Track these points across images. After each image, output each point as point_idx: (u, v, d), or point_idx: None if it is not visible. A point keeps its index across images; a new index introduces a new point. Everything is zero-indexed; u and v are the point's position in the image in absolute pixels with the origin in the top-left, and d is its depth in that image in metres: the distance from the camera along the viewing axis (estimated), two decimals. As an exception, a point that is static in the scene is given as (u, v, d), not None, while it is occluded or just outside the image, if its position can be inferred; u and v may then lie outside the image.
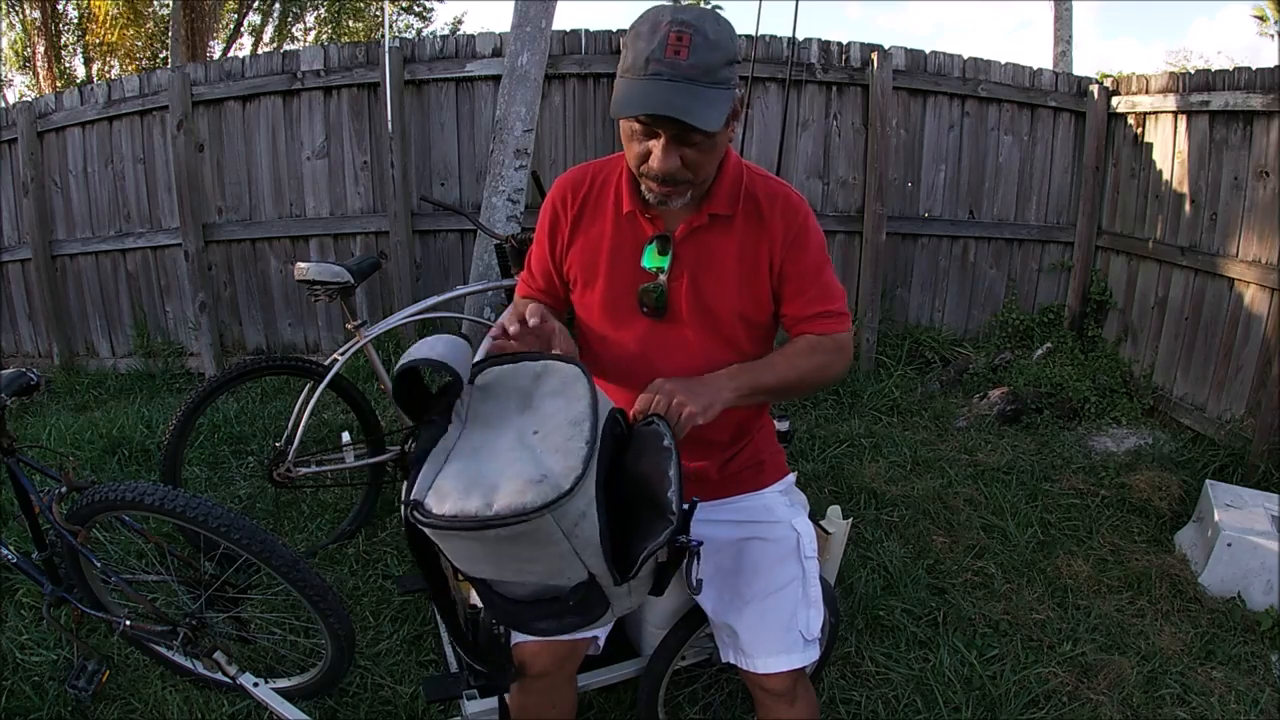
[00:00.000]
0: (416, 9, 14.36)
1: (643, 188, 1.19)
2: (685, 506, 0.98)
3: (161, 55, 11.70)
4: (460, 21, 16.43)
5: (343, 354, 2.40)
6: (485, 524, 0.86)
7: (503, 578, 0.97)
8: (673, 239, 1.23)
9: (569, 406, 0.99)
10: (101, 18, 11.02)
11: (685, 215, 1.23)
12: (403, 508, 0.95)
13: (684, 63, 1.04)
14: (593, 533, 0.91)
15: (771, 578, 1.31)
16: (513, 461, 0.92)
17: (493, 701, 1.49)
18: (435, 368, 0.97)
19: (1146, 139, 3.78)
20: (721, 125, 1.08)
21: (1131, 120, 3.88)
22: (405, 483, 1.00)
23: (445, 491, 0.89)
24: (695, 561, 1.01)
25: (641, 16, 1.10)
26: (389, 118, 3.73)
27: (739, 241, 1.24)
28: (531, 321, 1.11)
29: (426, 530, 0.91)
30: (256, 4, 12.70)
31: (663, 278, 1.24)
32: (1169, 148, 3.63)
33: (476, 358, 1.10)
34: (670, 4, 1.16)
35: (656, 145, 1.10)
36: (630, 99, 1.06)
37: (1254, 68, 3.18)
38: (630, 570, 0.96)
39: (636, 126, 1.11)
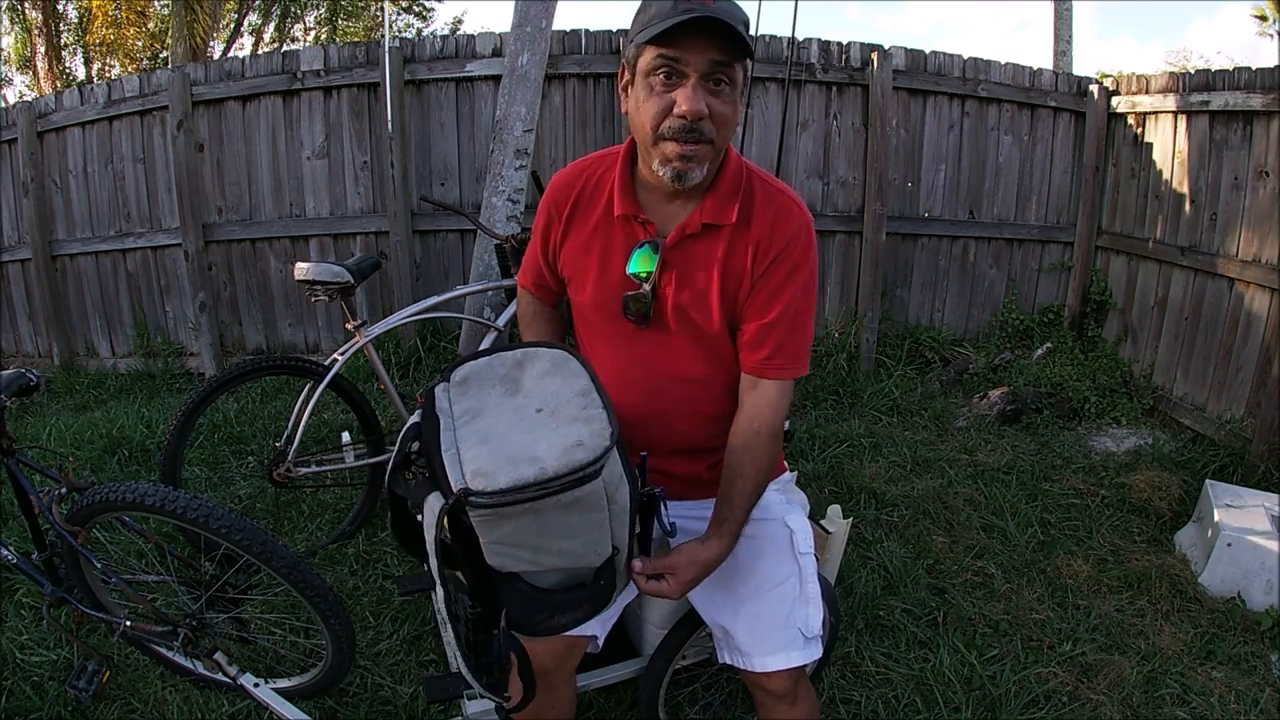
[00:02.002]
0: (416, 9, 14.38)
1: (657, 162, 1.12)
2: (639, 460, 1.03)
3: (162, 55, 11.71)
4: (460, 21, 16.48)
5: (343, 354, 2.40)
6: (546, 485, 0.87)
7: (539, 564, 0.96)
8: (663, 245, 1.20)
9: (569, 382, 1.01)
10: (102, 19, 11.02)
11: (680, 218, 1.20)
12: (433, 517, 0.93)
13: (713, 5, 1.03)
14: (625, 497, 0.95)
15: (766, 575, 1.31)
16: (536, 439, 0.93)
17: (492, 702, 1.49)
18: None
19: (1146, 139, 3.78)
20: (752, 59, 1.09)
21: (1131, 120, 3.88)
22: (417, 491, 0.99)
23: (488, 471, 0.89)
24: (663, 507, 1.06)
25: None
26: (389, 118, 3.73)
27: (727, 248, 1.20)
28: None
29: (484, 515, 0.90)
30: (257, 4, 12.70)
31: (647, 286, 1.21)
32: (1169, 148, 3.63)
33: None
34: None
35: (682, 90, 1.07)
36: (670, 16, 1.03)
37: (1254, 68, 3.18)
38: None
39: (658, 79, 1.07)
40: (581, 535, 0.94)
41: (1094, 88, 4.02)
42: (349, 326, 2.42)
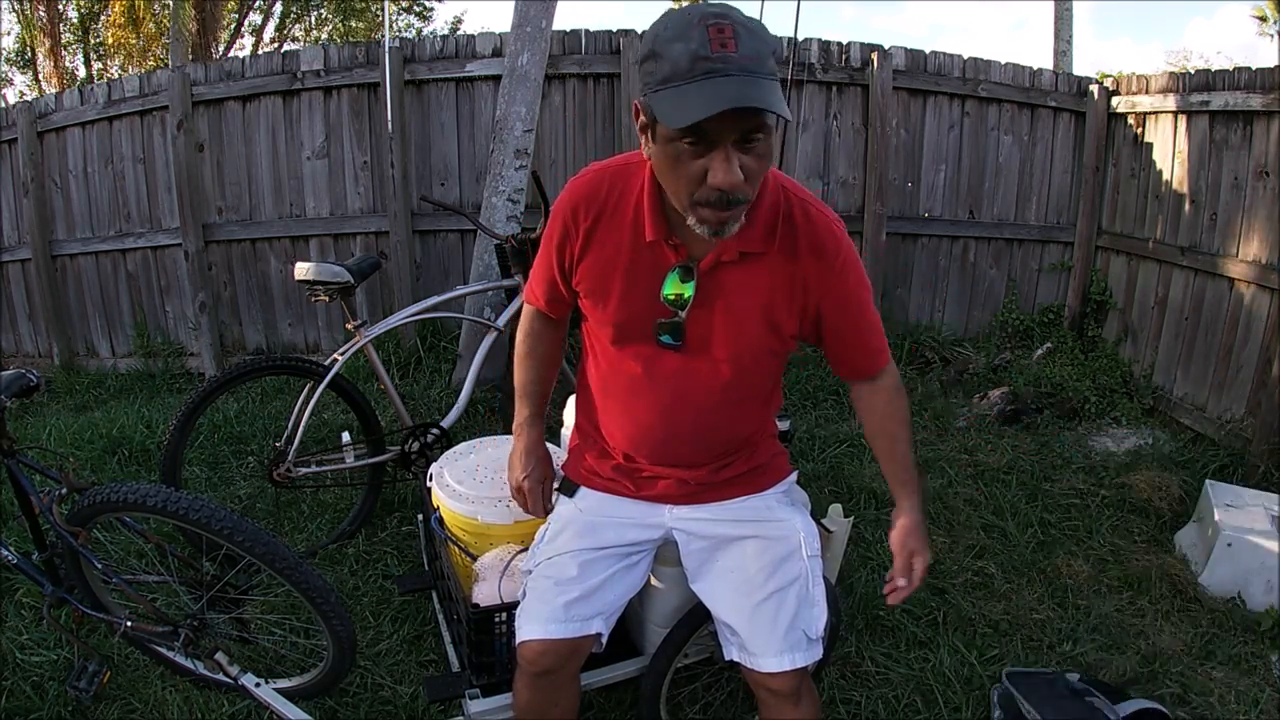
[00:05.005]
0: (416, 9, 14.36)
1: (692, 220, 1.05)
2: None
3: (163, 56, 11.70)
4: (460, 21, 16.44)
5: (343, 354, 2.40)
6: None
7: None
8: (697, 270, 1.17)
9: None
10: (116, 17, 11.01)
11: (714, 244, 1.13)
12: None
13: (735, 55, 0.92)
14: None
15: (774, 577, 1.31)
16: None
17: (494, 701, 1.50)
18: None
19: (1146, 139, 3.78)
20: (790, 117, 1.00)
21: (1131, 120, 3.88)
22: None
23: None
24: None
25: (659, 23, 0.99)
26: (389, 118, 3.73)
27: (769, 272, 1.17)
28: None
29: None
30: (257, 4, 12.69)
31: (682, 313, 1.18)
32: (1169, 148, 3.63)
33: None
34: (684, 4, 1.10)
35: (714, 159, 0.98)
36: (694, 103, 0.92)
37: (1254, 68, 3.18)
38: None
39: (685, 146, 0.98)
40: None
41: (1094, 88, 4.02)
42: (349, 326, 2.42)
